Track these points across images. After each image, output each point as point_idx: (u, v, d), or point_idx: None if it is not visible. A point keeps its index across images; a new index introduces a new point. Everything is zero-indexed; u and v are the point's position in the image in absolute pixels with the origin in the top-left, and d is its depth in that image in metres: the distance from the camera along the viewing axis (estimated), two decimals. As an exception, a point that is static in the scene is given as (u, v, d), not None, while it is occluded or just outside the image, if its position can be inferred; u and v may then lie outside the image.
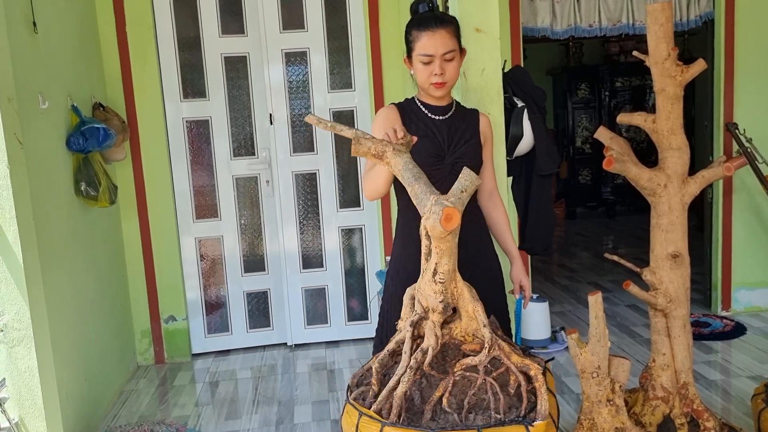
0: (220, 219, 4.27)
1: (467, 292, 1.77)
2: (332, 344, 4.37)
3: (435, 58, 2.09)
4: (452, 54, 2.11)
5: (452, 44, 2.11)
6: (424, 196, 1.66)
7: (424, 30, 2.09)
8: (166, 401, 3.66)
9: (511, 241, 2.34)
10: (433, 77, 2.11)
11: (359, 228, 4.36)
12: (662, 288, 2.37)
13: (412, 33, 2.13)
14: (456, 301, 1.77)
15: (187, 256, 4.24)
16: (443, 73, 2.11)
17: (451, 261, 1.70)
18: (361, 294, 4.43)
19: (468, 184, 1.68)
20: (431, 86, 2.13)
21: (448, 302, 1.73)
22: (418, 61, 2.11)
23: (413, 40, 2.12)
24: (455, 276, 1.75)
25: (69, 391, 2.96)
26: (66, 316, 3.03)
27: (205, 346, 4.34)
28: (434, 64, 2.09)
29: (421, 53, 2.09)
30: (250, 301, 4.38)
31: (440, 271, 1.69)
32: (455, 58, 2.13)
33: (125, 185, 4.02)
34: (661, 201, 2.35)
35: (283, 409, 3.46)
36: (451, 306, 1.75)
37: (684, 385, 2.38)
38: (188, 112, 4.14)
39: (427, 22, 2.10)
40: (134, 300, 4.13)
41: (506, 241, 2.34)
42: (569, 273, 5.88)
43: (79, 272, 3.28)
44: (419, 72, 2.14)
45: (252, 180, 4.28)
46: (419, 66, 2.12)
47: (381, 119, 2.19)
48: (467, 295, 1.77)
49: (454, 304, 1.78)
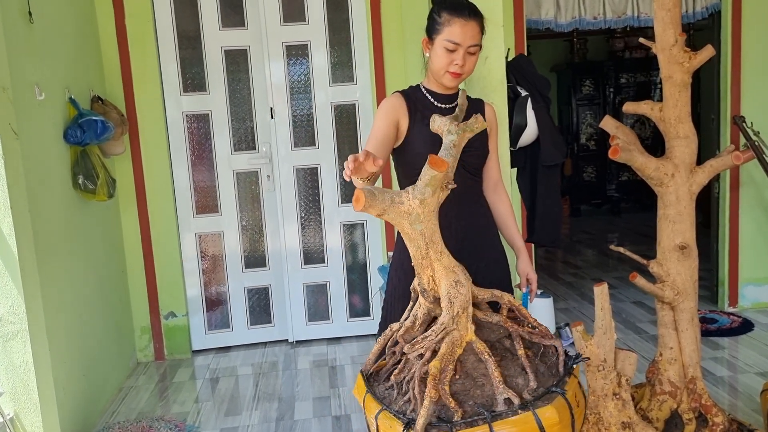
0: (221, 214, 4.23)
1: (444, 276, 1.69)
2: (334, 341, 4.32)
3: (460, 48, 2.02)
4: (476, 48, 2.06)
5: (479, 38, 2.06)
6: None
7: (457, 16, 2.01)
8: (166, 398, 3.62)
9: (517, 233, 2.29)
10: (453, 66, 2.05)
11: (361, 223, 4.31)
12: (669, 280, 2.32)
13: (442, 15, 2.04)
14: (438, 287, 1.69)
15: (187, 251, 4.20)
16: (463, 65, 2.05)
17: (413, 247, 1.64)
18: (363, 290, 4.38)
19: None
20: (447, 74, 2.07)
21: (425, 289, 1.68)
22: (442, 47, 2.04)
23: (443, 23, 2.03)
24: (430, 263, 1.67)
25: (66, 386, 2.92)
26: (63, 310, 2.99)
27: (205, 343, 4.30)
28: (458, 53, 2.03)
29: (448, 39, 2.02)
30: (251, 297, 4.33)
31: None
32: (476, 53, 2.08)
33: (124, 179, 3.98)
34: (669, 191, 2.30)
35: (283, 406, 3.42)
36: (431, 294, 1.69)
37: (692, 379, 2.33)
38: (188, 106, 4.10)
39: (461, 9, 2.03)
40: (134, 296, 4.09)
41: (512, 233, 2.29)
42: (574, 270, 5.83)
43: (76, 266, 3.24)
44: (439, 57, 2.06)
45: (253, 175, 4.23)
46: (441, 51, 2.05)
47: (388, 107, 2.12)
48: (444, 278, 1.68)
49: (436, 292, 1.70)
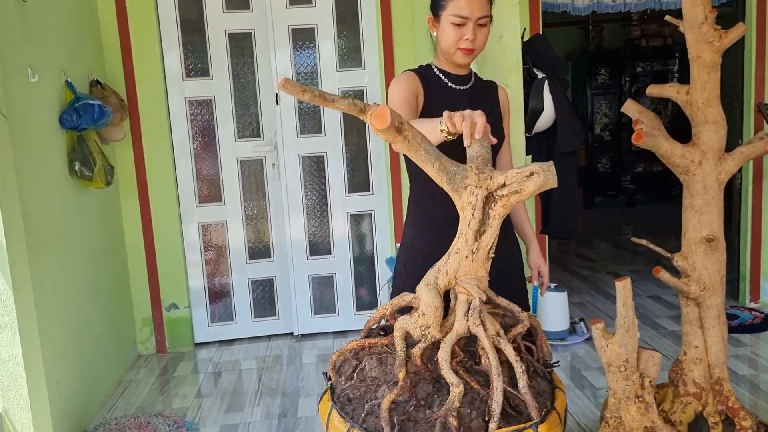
0: (224, 203, 4.10)
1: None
2: (340, 334, 4.20)
3: (469, 22, 1.89)
4: (486, 20, 1.92)
5: (487, 9, 1.92)
6: (458, 167, 1.45)
7: None
8: (167, 392, 3.51)
9: (528, 223, 2.15)
10: (463, 42, 1.91)
11: (368, 213, 4.17)
12: (695, 275, 2.17)
13: None
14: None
15: (189, 241, 4.08)
16: (474, 39, 1.91)
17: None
18: (370, 282, 4.25)
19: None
20: (458, 51, 1.93)
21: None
22: (449, 22, 1.91)
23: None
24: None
25: (60, 380, 2.81)
26: (56, 301, 2.88)
27: (208, 336, 4.18)
28: (467, 27, 1.90)
29: (455, 14, 1.89)
30: (255, 289, 4.21)
31: (494, 244, 1.50)
32: (487, 24, 1.94)
33: (125, 167, 3.86)
34: (695, 179, 2.15)
35: (287, 401, 3.30)
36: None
37: (718, 380, 2.18)
38: (191, 92, 3.97)
39: None
40: (134, 287, 3.98)
41: (523, 223, 2.15)
42: (588, 263, 5.67)
43: (72, 256, 3.12)
44: (447, 35, 1.93)
45: (257, 163, 4.10)
46: (448, 28, 1.92)
47: (405, 82, 1.96)
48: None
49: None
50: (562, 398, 1.53)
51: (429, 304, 1.50)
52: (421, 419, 1.41)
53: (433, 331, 1.49)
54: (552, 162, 1.42)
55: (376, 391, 1.50)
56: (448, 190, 1.47)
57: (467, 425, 1.39)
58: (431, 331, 1.49)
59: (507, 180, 1.43)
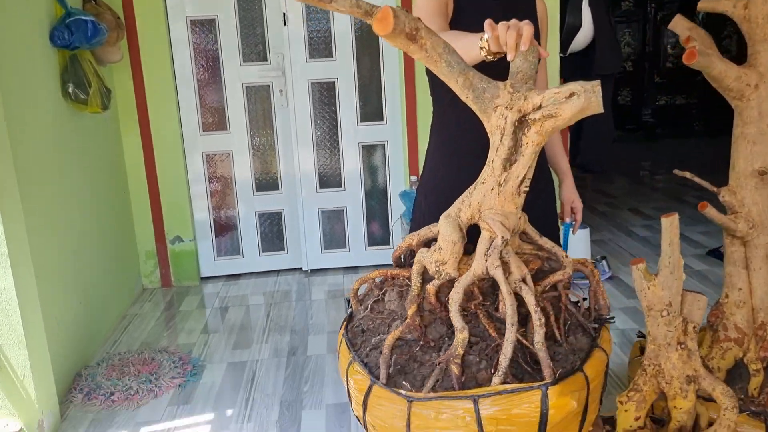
0: (230, 132, 3.89)
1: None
2: (351, 270, 4.06)
3: None
4: None
5: None
6: (488, 83, 1.25)
7: None
8: (172, 327, 3.39)
9: (563, 153, 1.94)
10: None
11: (381, 144, 3.96)
12: (743, 211, 1.99)
13: None
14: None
15: (193, 171, 3.90)
16: None
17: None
18: (382, 217, 4.07)
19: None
20: None
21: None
22: None
23: None
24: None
25: (58, 315, 2.69)
26: (53, 233, 2.72)
27: (214, 270, 4.05)
28: None
29: None
30: (263, 222, 4.05)
31: (528, 177, 1.30)
32: None
33: (124, 91, 3.64)
34: (750, 105, 1.94)
35: (296, 339, 3.18)
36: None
37: (762, 325, 2.02)
38: (192, 10, 3.70)
39: None
40: (137, 219, 3.82)
41: (556, 153, 1.94)
42: (608, 199, 5.46)
43: (69, 183, 2.95)
44: None
45: (264, 89, 3.87)
46: None
47: None
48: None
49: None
50: (598, 360, 1.33)
51: (446, 238, 1.33)
52: (426, 362, 1.28)
53: (449, 268, 1.32)
54: (599, 81, 1.21)
55: (389, 325, 1.38)
56: (476, 110, 1.28)
57: (473, 375, 1.23)
58: (447, 268, 1.33)
59: (543, 101, 1.23)
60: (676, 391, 1.73)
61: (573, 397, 1.20)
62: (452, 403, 1.18)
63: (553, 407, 1.17)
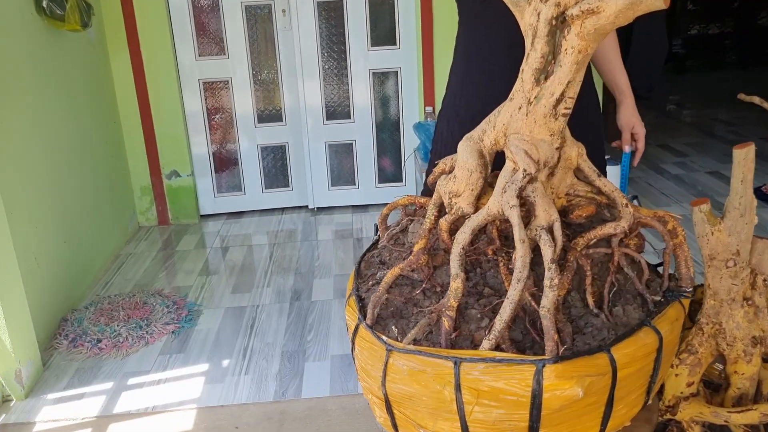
0: (228, 57, 3.57)
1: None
2: (360, 208, 3.80)
3: None
4: None
5: None
6: None
7: None
8: (168, 267, 3.17)
9: (621, 68, 1.61)
10: None
11: (394, 71, 3.63)
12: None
13: None
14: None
15: (189, 101, 3.60)
16: None
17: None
18: (394, 151, 3.78)
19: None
20: None
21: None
22: None
23: None
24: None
25: (39, 255, 2.45)
26: (26, 162, 2.46)
27: (215, 207, 3.80)
28: None
29: None
30: (266, 156, 3.77)
31: (568, 96, 1.00)
32: None
33: (110, 10, 3.31)
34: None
35: (300, 282, 2.94)
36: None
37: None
38: None
39: None
40: (130, 151, 3.55)
41: (614, 68, 1.61)
42: (635, 134, 5.12)
43: (47, 110, 2.67)
44: None
45: (265, 8, 3.52)
46: None
47: None
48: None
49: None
50: (640, 342, 1.00)
51: (462, 165, 1.08)
52: (425, 307, 1.04)
53: (463, 202, 1.07)
54: None
55: (403, 260, 1.15)
56: (508, 3, 1.00)
57: (470, 333, 0.98)
58: (461, 202, 1.07)
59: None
60: (738, 354, 1.47)
61: (579, 382, 0.91)
62: (431, 361, 0.94)
63: (549, 390, 0.90)
